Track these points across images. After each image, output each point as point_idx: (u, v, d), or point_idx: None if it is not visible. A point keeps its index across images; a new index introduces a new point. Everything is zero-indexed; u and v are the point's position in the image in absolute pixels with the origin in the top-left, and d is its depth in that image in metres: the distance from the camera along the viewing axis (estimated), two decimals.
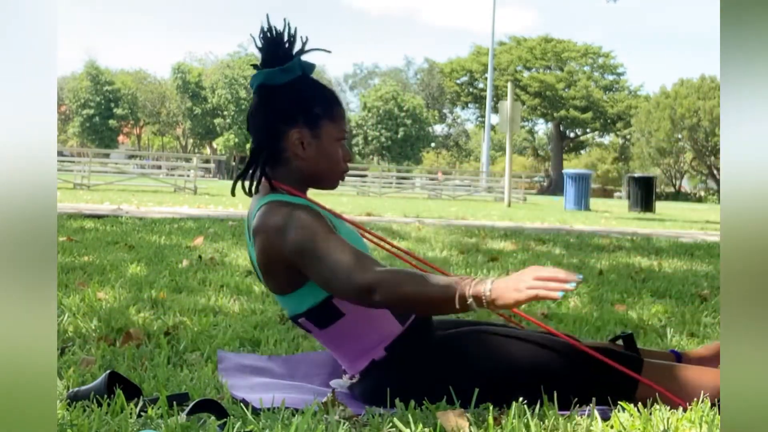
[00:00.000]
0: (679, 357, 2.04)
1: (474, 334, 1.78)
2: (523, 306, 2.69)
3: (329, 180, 1.81)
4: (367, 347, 1.75)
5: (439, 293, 1.52)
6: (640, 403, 1.66)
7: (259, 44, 1.77)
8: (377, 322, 1.74)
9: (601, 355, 1.72)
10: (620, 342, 2.00)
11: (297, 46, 1.77)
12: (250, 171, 1.80)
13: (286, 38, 1.76)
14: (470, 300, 1.49)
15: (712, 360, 2.07)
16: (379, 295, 1.54)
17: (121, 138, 57.90)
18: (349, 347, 1.76)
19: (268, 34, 1.76)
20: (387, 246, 1.95)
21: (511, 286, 1.47)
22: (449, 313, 1.55)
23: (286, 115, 1.75)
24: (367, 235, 1.91)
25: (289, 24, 1.77)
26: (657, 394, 1.68)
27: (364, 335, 1.74)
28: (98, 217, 7.18)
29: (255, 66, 1.80)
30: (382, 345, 1.74)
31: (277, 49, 1.76)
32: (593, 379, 1.70)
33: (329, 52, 1.85)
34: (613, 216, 14.19)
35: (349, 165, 1.86)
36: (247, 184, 1.81)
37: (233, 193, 1.83)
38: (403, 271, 1.57)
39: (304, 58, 1.78)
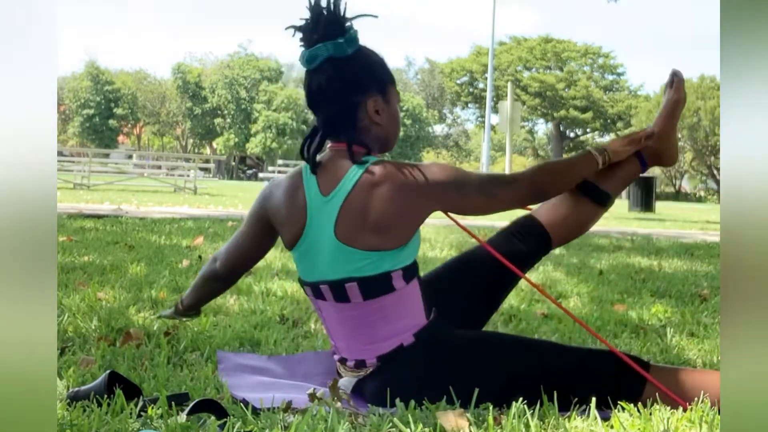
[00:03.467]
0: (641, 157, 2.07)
1: (495, 337, 1.86)
2: (523, 306, 2.68)
3: (395, 142, 1.89)
4: (399, 330, 1.75)
5: (582, 162, 1.95)
6: (640, 403, 1.66)
7: (315, 16, 1.76)
8: (414, 308, 1.77)
9: (609, 358, 1.74)
10: None
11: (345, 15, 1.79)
12: (315, 143, 1.81)
13: (336, 8, 1.77)
14: (599, 159, 1.93)
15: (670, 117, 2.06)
16: (544, 182, 1.86)
17: (121, 138, 57.86)
18: (382, 326, 1.75)
19: (323, 6, 1.76)
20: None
21: (620, 143, 2.00)
22: (586, 176, 1.94)
23: (360, 85, 1.78)
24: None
25: None
26: (663, 396, 1.68)
27: (402, 317, 1.76)
28: (98, 217, 7.18)
29: (304, 41, 1.78)
30: (412, 330, 1.76)
31: (334, 19, 1.77)
32: (601, 383, 1.71)
33: (377, 17, 1.85)
34: (613, 216, 14.19)
35: None
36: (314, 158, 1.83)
37: (313, 171, 1.79)
38: (541, 164, 1.90)
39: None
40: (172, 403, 1.60)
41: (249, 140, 51.10)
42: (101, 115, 52.71)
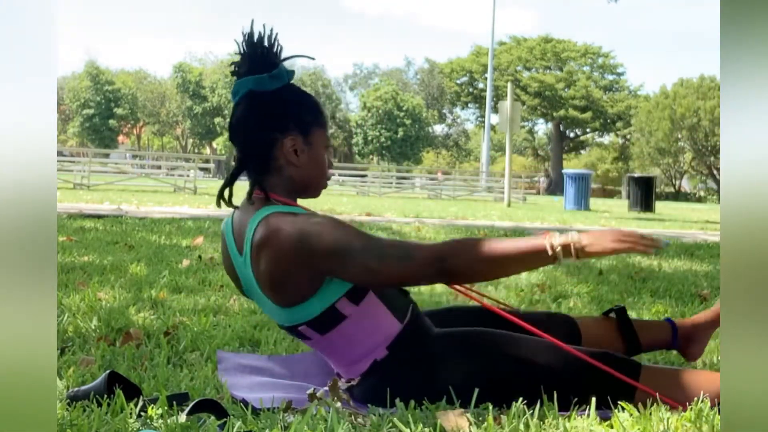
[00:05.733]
0: (674, 326, 2.05)
1: (476, 335, 1.78)
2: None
3: (317, 187, 1.81)
4: (369, 348, 1.73)
5: (526, 246, 1.57)
6: (639, 404, 1.66)
7: (244, 50, 1.76)
8: (378, 322, 1.73)
9: (599, 360, 1.71)
10: (612, 314, 2.03)
11: (282, 53, 1.77)
12: (234, 181, 1.79)
13: (270, 44, 1.75)
14: (558, 248, 1.54)
15: (708, 327, 2.07)
16: (452, 260, 1.57)
17: (121, 138, 57.88)
18: (350, 350, 1.75)
19: (254, 40, 1.75)
20: None
21: (607, 237, 1.55)
22: (536, 267, 1.61)
23: (278, 123, 1.73)
24: None
25: (271, 29, 1.76)
26: (657, 397, 1.68)
27: (366, 337, 1.73)
28: (98, 217, 7.18)
29: (235, 74, 1.78)
30: (383, 345, 1.73)
31: (264, 55, 1.75)
32: (592, 381, 1.70)
33: (313, 58, 1.84)
34: (612, 216, 14.19)
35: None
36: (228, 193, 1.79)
37: (219, 204, 1.80)
38: (466, 239, 1.61)
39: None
40: (172, 403, 1.60)
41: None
42: (101, 115, 52.72)
